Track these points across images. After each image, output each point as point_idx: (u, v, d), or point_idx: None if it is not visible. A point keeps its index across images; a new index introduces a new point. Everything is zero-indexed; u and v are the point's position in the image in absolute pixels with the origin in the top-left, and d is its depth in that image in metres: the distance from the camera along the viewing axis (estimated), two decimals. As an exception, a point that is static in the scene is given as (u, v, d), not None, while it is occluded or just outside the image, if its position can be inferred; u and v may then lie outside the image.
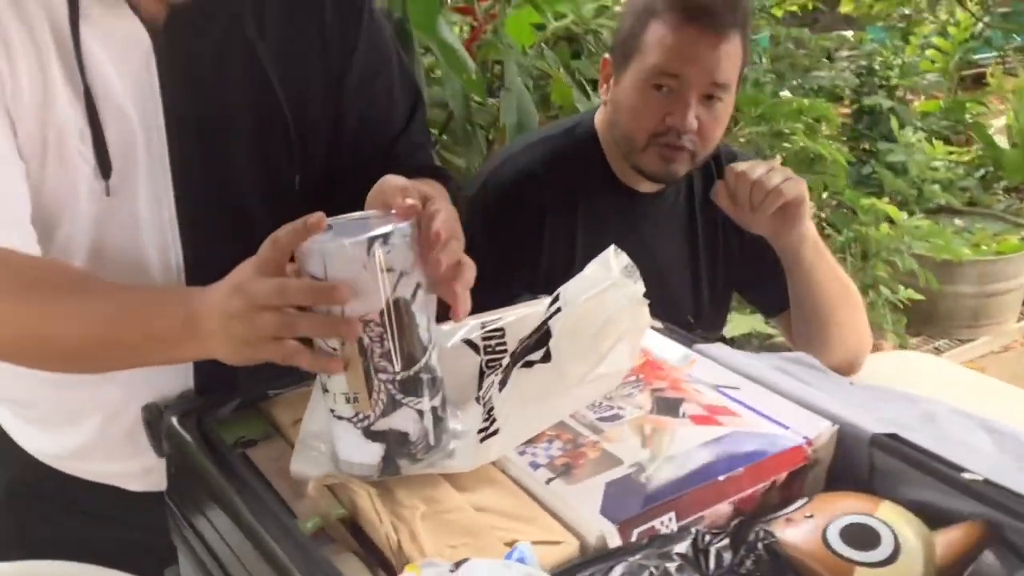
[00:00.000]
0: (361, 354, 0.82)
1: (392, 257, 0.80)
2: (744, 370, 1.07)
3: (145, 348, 0.96)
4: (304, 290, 0.81)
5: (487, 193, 1.53)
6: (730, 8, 1.37)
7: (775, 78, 3.24)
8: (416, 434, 0.86)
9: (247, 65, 1.09)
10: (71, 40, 0.99)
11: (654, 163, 1.44)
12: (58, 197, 1.03)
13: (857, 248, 2.75)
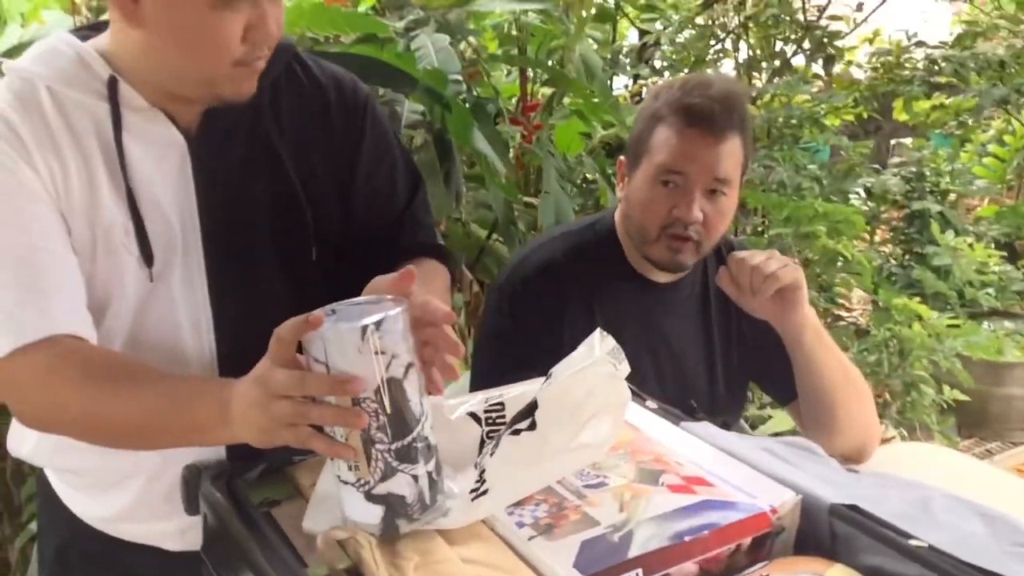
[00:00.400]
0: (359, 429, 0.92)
1: (385, 341, 0.91)
2: (727, 447, 1.15)
3: (186, 433, 1.09)
4: (320, 382, 0.91)
5: (514, 282, 1.65)
6: (727, 114, 1.51)
7: (818, 184, 3.34)
8: (412, 496, 0.96)
9: (269, 161, 1.25)
10: (115, 147, 1.15)
11: (663, 253, 1.56)
12: (106, 286, 1.17)
13: (895, 346, 2.80)
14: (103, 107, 1.15)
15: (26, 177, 1.11)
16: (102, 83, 1.15)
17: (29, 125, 1.12)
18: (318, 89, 1.32)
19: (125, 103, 1.16)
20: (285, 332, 0.93)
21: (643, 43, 4.51)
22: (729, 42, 4.98)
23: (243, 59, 1.13)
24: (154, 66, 1.15)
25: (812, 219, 2.74)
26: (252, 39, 1.11)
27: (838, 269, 2.77)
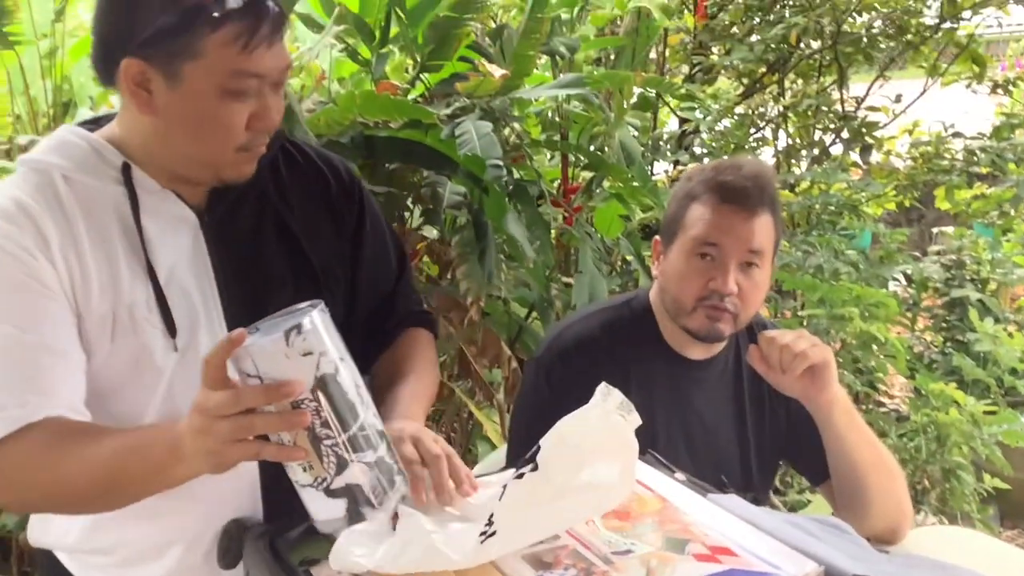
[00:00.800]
0: (305, 429, 0.98)
1: (309, 342, 0.96)
2: (753, 519, 1.18)
3: (148, 479, 1.13)
4: (256, 393, 0.97)
5: (551, 356, 1.70)
6: (759, 191, 1.58)
7: (855, 270, 3.37)
8: (369, 483, 1.02)
9: (279, 234, 1.34)
10: (135, 227, 1.22)
11: (701, 323, 1.60)
12: (135, 361, 1.22)
13: (933, 432, 2.79)
14: (119, 191, 1.22)
15: (41, 271, 1.17)
16: (116, 169, 1.23)
17: (49, 214, 1.18)
18: (316, 171, 1.43)
19: (140, 186, 1.23)
20: (212, 356, 0.98)
21: (683, 131, 4.61)
22: (768, 130, 5.07)
23: (246, 145, 1.21)
24: (163, 151, 1.23)
25: (846, 302, 2.77)
26: (255, 127, 1.19)
27: (873, 352, 2.78)
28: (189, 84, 1.15)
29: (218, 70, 1.13)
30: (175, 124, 1.19)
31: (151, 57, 1.14)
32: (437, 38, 2.76)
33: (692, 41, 4.88)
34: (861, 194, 4.32)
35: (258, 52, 1.13)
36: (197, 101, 1.16)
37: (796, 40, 4.58)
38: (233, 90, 1.15)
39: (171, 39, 1.12)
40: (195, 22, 1.11)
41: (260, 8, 1.13)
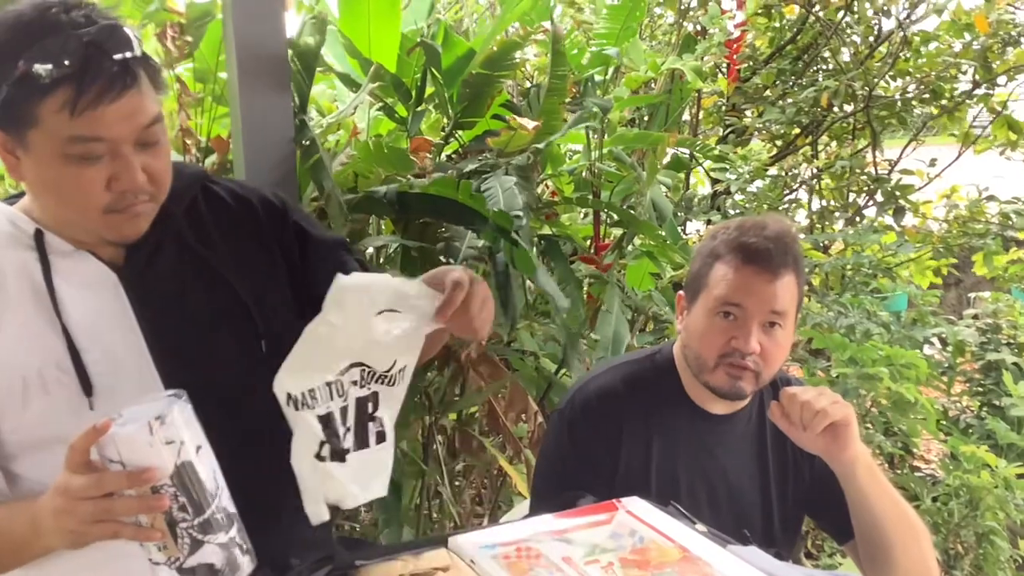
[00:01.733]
0: (163, 512, 1.02)
1: (170, 432, 1.01)
2: (773, 573, 1.18)
3: (12, 552, 1.18)
4: (119, 479, 1.00)
5: (573, 406, 1.72)
6: (780, 253, 1.59)
7: (886, 331, 3.36)
8: (221, 562, 1.05)
9: (201, 276, 1.33)
10: (47, 289, 1.23)
11: (722, 380, 1.61)
12: (47, 425, 1.22)
13: (966, 495, 2.75)
14: (32, 256, 1.24)
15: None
16: (29, 236, 1.25)
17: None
18: (241, 205, 1.42)
19: (53, 250, 1.25)
20: (78, 441, 1.02)
21: (715, 191, 4.64)
22: (802, 191, 5.10)
23: (112, 206, 1.19)
24: (44, 215, 1.25)
25: (875, 361, 2.76)
26: (117, 188, 1.17)
27: (903, 413, 2.76)
28: (35, 151, 1.15)
29: (55, 136, 1.12)
30: (38, 189, 1.22)
31: (5, 126, 1.16)
32: (470, 95, 2.83)
33: (725, 103, 4.93)
34: (895, 256, 4.31)
35: (90, 115, 1.11)
36: (45, 167, 1.16)
37: (827, 103, 4.62)
38: (75, 155, 1.13)
39: (12, 109, 1.12)
40: (26, 91, 1.10)
41: (89, 72, 1.10)
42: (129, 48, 1.14)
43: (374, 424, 1.26)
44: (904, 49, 4.83)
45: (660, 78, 3.97)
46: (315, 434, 1.20)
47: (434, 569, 1.20)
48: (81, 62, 1.10)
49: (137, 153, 1.17)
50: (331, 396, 1.22)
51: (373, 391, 1.24)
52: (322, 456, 1.21)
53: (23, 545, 1.15)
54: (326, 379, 1.20)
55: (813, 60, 5.02)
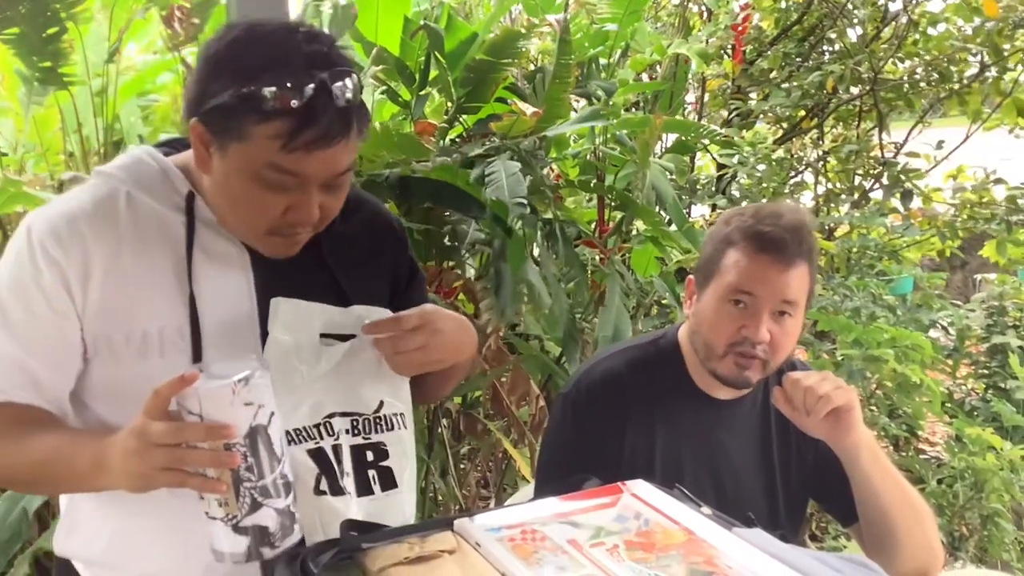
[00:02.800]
0: (231, 469, 1.05)
1: (252, 394, 1.04)
2: (778, 554, 1.18)
3: (70, 480, 1.22)
4: (197, 430, 1.04)
5: (577, 390, 1.72)
6: (795, 243, 1.58)
7: (892, 314, 3.36)
8: (275, 527, 1.09)
9: (324, 281, 1.36)
10: (186, 256, 1.26)
11: (730, 369, 1.61)
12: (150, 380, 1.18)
13: (971, 478, 2.75)
14: (179, 219, 1.28)
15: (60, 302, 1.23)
16: (181, 197, 1.28)
17: (98, 233, 1.24)
18: (383, 228, 1.48)
19: (200, 217, 1.28)
20: (164, 388, 1.05)
21: (720, 174, 4.63)
22: (807, 174, 5.07)
23: (276, 230, 1.23)
24: (214, 201, 1.28)
25: (880, 343, 2.76)
26: (290, 218, 1.21)
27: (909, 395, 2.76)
28: (232, 161, 1.18)
29: (256, 158, 1.16)
30: (219, 188, 1.24)
31: (210, 125, 1.18)
32: (475, 80, 2.83)
33: (730, 86, 4.91)
34: (901, 239, 4.30)
35: (299, 154, 1.14)
36: (235, 179, 1.19)
37: (833, 86, 4.59)
38: (267, 181, 1.17)
39: (226, 117, 1.15)
40: (247, 108, 1.13)
41: (314, 113, 1.12)
42: (352, 93, 1.16)
43: (375, 472, 1.30)
44: (911, 31, 4.80)
45: (665, 61, 3.95)
46: (308, 467, 1.24)
47: (440, 551, 1.20)
48: (308, 102, 1.12)
49: (319, 192, 1.21)
50: (320, 435, 1.26)
51: (367, 440, 1.30)
52: (321, 490, 1.25)
53: (83, 477, 1.18)
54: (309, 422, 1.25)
55: (819, 42, 4.99)
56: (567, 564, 1.14)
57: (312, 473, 1.23)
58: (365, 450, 1.30)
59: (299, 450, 1.22)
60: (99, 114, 2.87)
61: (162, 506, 1.25)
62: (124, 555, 1.32)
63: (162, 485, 1.08)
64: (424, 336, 1.29)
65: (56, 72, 2.62)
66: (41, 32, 2.49)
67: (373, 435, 1.30)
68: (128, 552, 1.32)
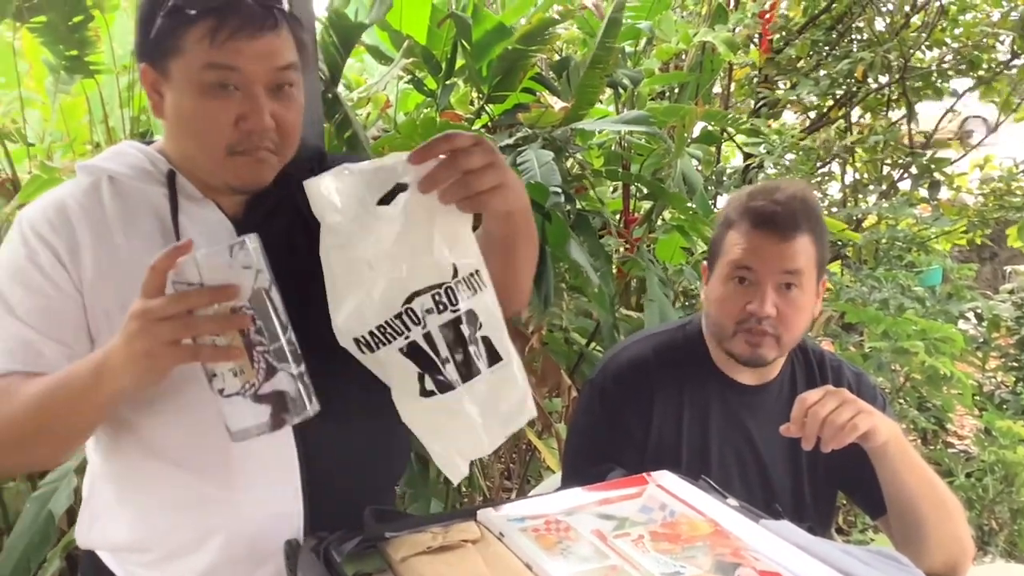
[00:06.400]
0: (241, 332, 1.03)
1: (250, 257, 1.03)
2: (805, 546, 1.17)
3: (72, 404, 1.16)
4: (200, 295, 1.01)
5: (605, 376, 1.72)
6: (790, 215, 1.57)
7: (921, 305, 3.32)
8: (293, 392, 1.06)
9: (309, 242, 1.29)
10: (173, 227, 1.28)
11: (742, 347, 1.60)
12: None
13: (1000, 471, 2.72)
14: (161, 193, 1.30)
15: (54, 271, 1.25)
16: (162, 175, 1.31)
17: (87, 217, 1.28)
18: None
19: (182, 191, 1.31)
20: (158, 263, 1.02)
21: (747, 165, 4.60)
22: (835, 164, 5.03)
23: (236, 146, 1.24)
24: (180, 155, 1.31)
25: (910, 335, 2.73)
26: (243, 128, 1.23)
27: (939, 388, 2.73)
28: (175, 81, 1.23)
29: (194, 64, 1.20)
30: (175, 124, 1.28)
31: (155, 60, 1.24)
32: (502, 70, 2.81)
33: (757, 75, 4.88)
34: (929, 230, 4.26)
35: (229, 45, 1.19)
36: (183, 98, 1.23)
37: (862, 75, 4.55)
38: (209, 83, 1.20)
39: (162, 40, 1.21)
40: (177, 20, 1.19)
41: (233, 4, 1.19)
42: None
43: (475, 346, 1.12)
44: (941, 19, 4.75)
45: (691, 50, 3.92)
46: (407, 368, 1.11)
47: (463, 541, 1.19)
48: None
49: (268, 99, 1.23)
50: (406, 326, 1.11)
51: (456, 312, 1.11)
52: (428, 390, 1.11)
53: (88, 391, 1.13)
54: (388, 315, 1.10)
55: (847, 30, 4.94)
56: (591, 555, 1.13)
57: (412, 375, 1.10)
58: (457, 325, 1.12)
59: (388, 352, 1.10)
60: (125, 105, 2.88)
61: (179, 483, 1.29)
62: (146, 537, 1.33)
63: (173, 363, 1.05)
64: (483, 153, 1.11)
65: (83, 61, 2.63)
66: (68, 20, 2.50)
67: (461, 303, 1.11)
68: (150, 533, 1.32)
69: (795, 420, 1.44)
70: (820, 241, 1.62)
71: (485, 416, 1.12)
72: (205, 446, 1.26)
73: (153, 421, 1.29)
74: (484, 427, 1.12)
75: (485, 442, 1.12)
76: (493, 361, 1.13)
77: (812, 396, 1.45)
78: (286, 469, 1.30)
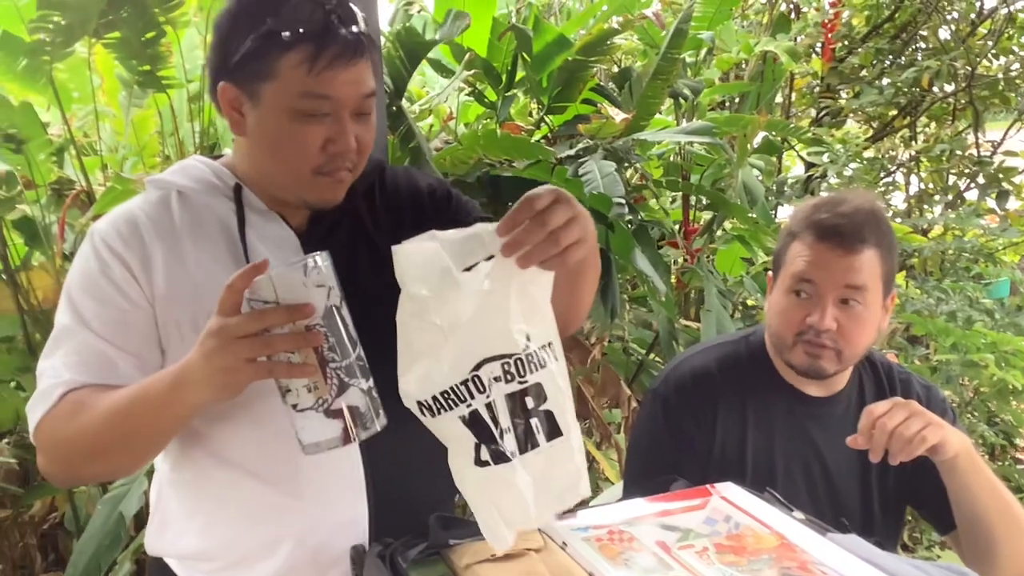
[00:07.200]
0: (315, 350, 1.04)
1: (323, 276, 1.04)
2: (874, 560, 1.16)
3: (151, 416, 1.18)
4: (278, 314, 1.03)
5: (667, 387, 1.71)
6: (855, 228, 1.54)
7: (989, 318, 3.25)
8: (364, 407, 1.08)
9: (371, 254, 1.37)
10: (240, 240, 1.31)
11: (801, 359, 1.59)
12: None
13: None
14: (229, 207, 1.33)
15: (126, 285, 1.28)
16: (229, 189, 1.34)
17: (157, 229, 1.30)
18: (414, 191, 1.47)
19: (248, 205, 1.34)
20: (237, 280, 1.04)
21: (809, 175, 4.55)
22: (899, 175, 4.95)
23: (322, 168, 1.26)
24: (255, 172, 1.33)
25: (980, 348, 2.68)
26: (330, 151, 1.25)
27: (1009, 402, 2.67)
28: (266, 104, 1.24)
29: (289, 91, 1.22)
30: (258, 143, 1.29)
31: (239, 80, 1.25)
32: (562, 81, 2.82)
33: (819, 84, 4.82)
34: (997, 241, 4.17)
35: (325, 74, 1.20)
36: (273, 121, 1.24)
37: (928, 83, 4.47)
38: (303, 111, 1.22)
39: (253, 61, 1.22)
40: (271, 44, 1.20)
41: (328, 33, 1.20)
42: (359, 23, 1.24)
43: (537, 419, 1.11)
44: (1008, 26, 4.65)
45: (752, 59, 3.90)
46: (465, 437, 1.10)
47: (527, 550, 1.20)
48: (322, 27, 1.21)
49: (352, 121, 1.26)
50: (470, 394, 1.10)
51: (523, 383, 1.10)
52: (483, 460, 1.09)
53: (164, 406, 1.17)
54: (454, 381, 1.10)
55: (911, 39, 4.87)
56: (655, 566, 1.13)
57: (469, 444, 1.10)
58: (523, 396, 1.11)
59: (449, 419, 1.10)
60: (195, 118, 2.94)
61: (250, 492, 1.31)
62: (214, 546, 1.35)
63: (250, 379, 1.07)
64: (566, 209, 1.08)
65: (155, 75, 2.69)
66: (140, 36, 2.55)
67: (529, 376, 1.10)
68: (218, 542, 1.35)
69: (863, 431, 1.43)
70: (887, 256, 1.59)
71: (538, 489, 1.11)
72: (276, 456, 1.29)
73: (224, 431, 1.31)
74: (535, 500, 1.10)
75: (533, 515, 1.11)
76: (553, 435, 1.12)
77: (880, 407, 1.44)
78: (353, 477, 1.32)
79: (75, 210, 2.70)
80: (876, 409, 1.44)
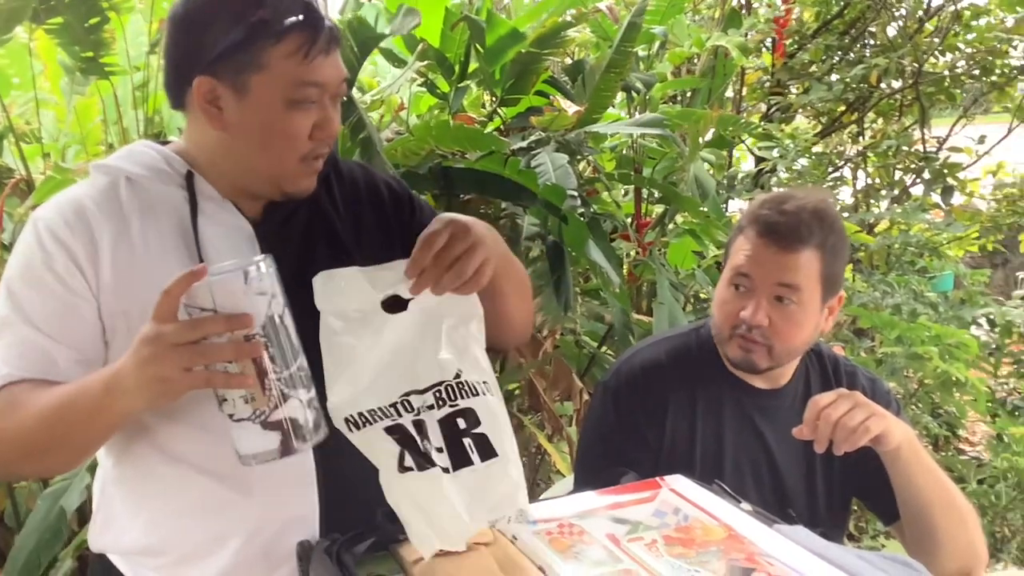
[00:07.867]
0: (253, 360, 1.02)
1: (264, 283, 1.02)
2: (819, 551, 1.17)
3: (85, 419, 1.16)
4: (216, 322, 1.00)
5: (618, 379, 1.71)
6: (795, 227, 1.55)
7: (933, 311, 3.31)
8: (303, 419, 1.06)
9: (329, 242, 1.36)
10: (192, 228, 1.28)
11: (735, 352, 1.61)
12: None
13: (1013, 478, 2.71)
14: (181, 195, 1.30)
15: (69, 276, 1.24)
16: (181, 176, 1.31)
17: (105, 216, 1.27)
18: (371, 184, 1.47)
19: (201, 193, 1.31)
20: (173, 287, 1.01)
21: (759, 169, 4.59)
22: (847, 169, 5.02)
23: (309, 155, 1.27)
24: (229, 164, 1.30)
25: (924, 341, 2.72)
26: (318, 137, 1.26)
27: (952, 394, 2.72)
28: (256, 96, 1.22)
29: (282, 81, 1.21)
30: (243, 136, 1.26)
31: (220, 73, 1.22)
32: (515, 73, 2.81)
33: (770, 79, 4.87)
34: (942, 235, 4.24)
35: (317, 62, 1.21)
36: (264, 112, 1.23)
37: (876, 80, 4.53)
38: (296, 99, 1.22)
39: (238, 54, 1.20)
40: (259, 36, 1.19)
41: (317, 21, 1.21)
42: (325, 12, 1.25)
43: (471, 440, 1.17)
44: (955, 24, 4.73)
45: (704, 54, 3.92)
46: (389, 446, 1.15)
47: (476, 544, 1.19)
48: (309, 16, 1.21)
49: (332, 106, 1.27)
50: (398, 413, 1.17)
51: (454, 407, 1.18)
52: (406, 467, 1.14)
53: (98, 411, 1.14)
54: (385, 402, 1.16)
55: (860, 35, 4.93)
56: (605, 559, 1.13)
57: (393, 453, 1.15)
58: (455, 418, 1.18)
59: (373, 430, 1.14)
60: (139, 107, 2.89)
61: (197, 488, 1.28)
62: (161, 541, 1.32)
63: (185, 389, 1.05)
64: (463, 240, 1.18)
65: (98, 62, 2.63)
66: (84, 22, 2.50)
67: (460, 401, 1.18)
68: (164, 538, 1.32)
69: (808, 422, 1.45)
70: (830, 257, 1.59)
71: (472, 499, 1.15)
72: (225, 452, 1.26)
73: (171, 428, 1.28)
74: (467, 509, 1.13)
75: (467, 522, 1.13)
76: (488, 457, 1.17)
77: (825, 398, 1.45)
78: (303, 473, 1.30)
79: (14, 199, 2.64)
80: (821, 400, 1.45)
